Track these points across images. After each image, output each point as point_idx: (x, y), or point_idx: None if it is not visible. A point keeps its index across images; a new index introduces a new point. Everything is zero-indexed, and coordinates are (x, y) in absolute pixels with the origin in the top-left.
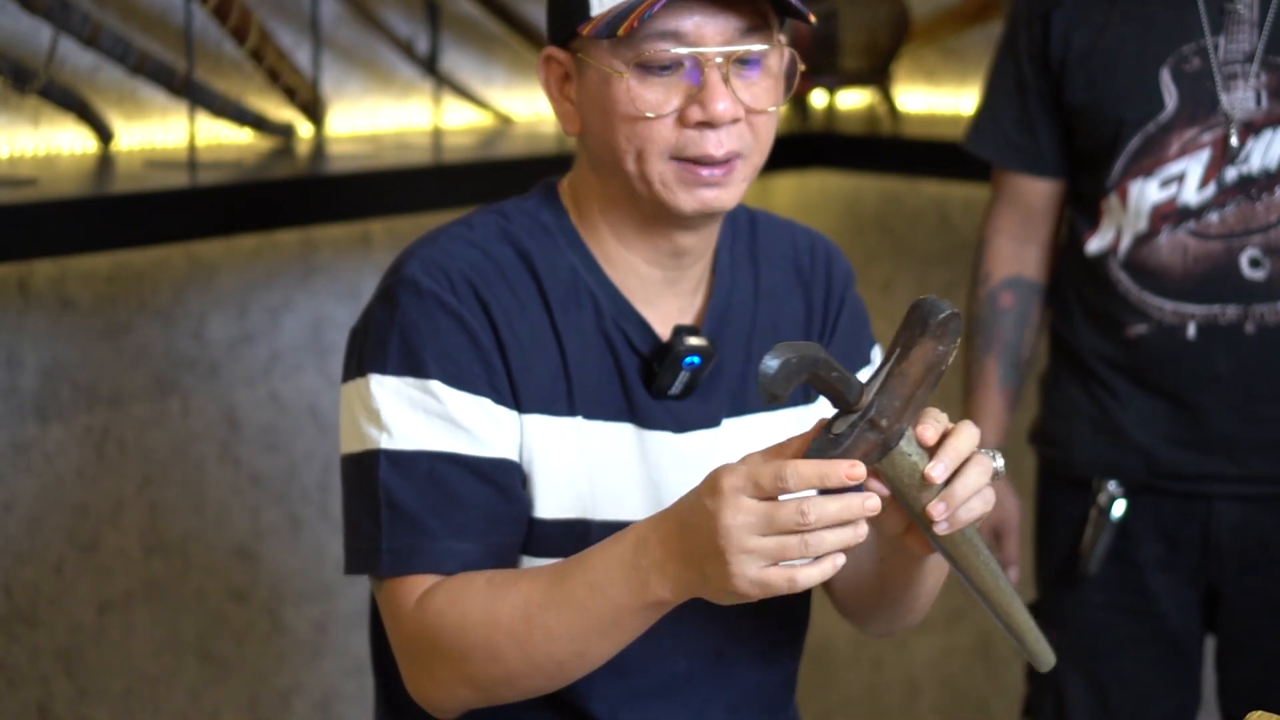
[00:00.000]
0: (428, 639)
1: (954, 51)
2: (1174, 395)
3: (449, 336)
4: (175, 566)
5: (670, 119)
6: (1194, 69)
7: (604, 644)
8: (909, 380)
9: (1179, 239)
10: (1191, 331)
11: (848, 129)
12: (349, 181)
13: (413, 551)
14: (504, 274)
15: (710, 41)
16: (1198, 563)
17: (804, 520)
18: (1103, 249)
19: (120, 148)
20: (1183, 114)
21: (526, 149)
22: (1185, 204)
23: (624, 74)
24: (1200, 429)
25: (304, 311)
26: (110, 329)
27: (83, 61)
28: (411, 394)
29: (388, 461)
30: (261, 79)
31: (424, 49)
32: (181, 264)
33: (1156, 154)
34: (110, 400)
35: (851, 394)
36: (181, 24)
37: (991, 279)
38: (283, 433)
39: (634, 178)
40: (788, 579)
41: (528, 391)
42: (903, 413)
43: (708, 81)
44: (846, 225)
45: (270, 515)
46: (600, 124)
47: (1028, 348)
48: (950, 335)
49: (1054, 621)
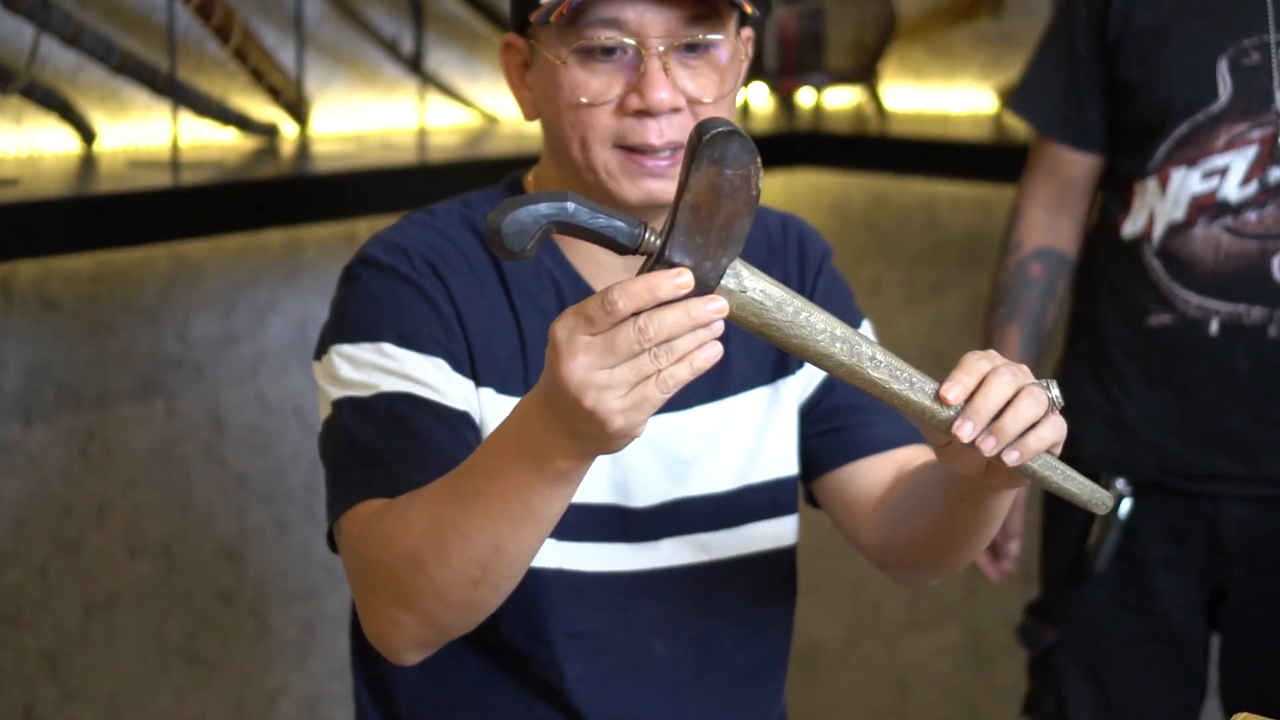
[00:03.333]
0: (365, 564)
1: (941, 49)
2: (1188, 390)
3: (408, 305)
4: (160, 568)
5: (610, 106)
6: (1253, 63)
7: (518, 534)
8: (702, 212)
9: (1213, 233)
10: (1214, 327)
11: (835, 128)
12: (334, 181)
13: (368, 482)
14: (464, 256)
15: (651, 30)
16: (1204, 562)
17: (645, 335)
18: (1136, 233)
19: (103, 148)
20: (1235, 107)
21: (512, 148)
22: (1225, 199)
23: (565, 61)
24: (1211, 426)
25: (290, 311)
26: (94, 329)
27: (65, 61)
28: (369, 356)
29: (350, 407)
30: (245, 78)
31: (409, 48)
32: (166, 264)
33: (1203, 144)
34: (95, 401)
35: (625, 238)
36: (164, 23)
37: (1022, 248)
38: (269, 433)
39: (580, 166)
40: (658, 385)
41: (485, 366)
42: (711, 249)
43: (647, 69)
44: (834, 224)
45: (256, 516)
46: (549, 111)
47: (1050, 320)
48: (736, 156)
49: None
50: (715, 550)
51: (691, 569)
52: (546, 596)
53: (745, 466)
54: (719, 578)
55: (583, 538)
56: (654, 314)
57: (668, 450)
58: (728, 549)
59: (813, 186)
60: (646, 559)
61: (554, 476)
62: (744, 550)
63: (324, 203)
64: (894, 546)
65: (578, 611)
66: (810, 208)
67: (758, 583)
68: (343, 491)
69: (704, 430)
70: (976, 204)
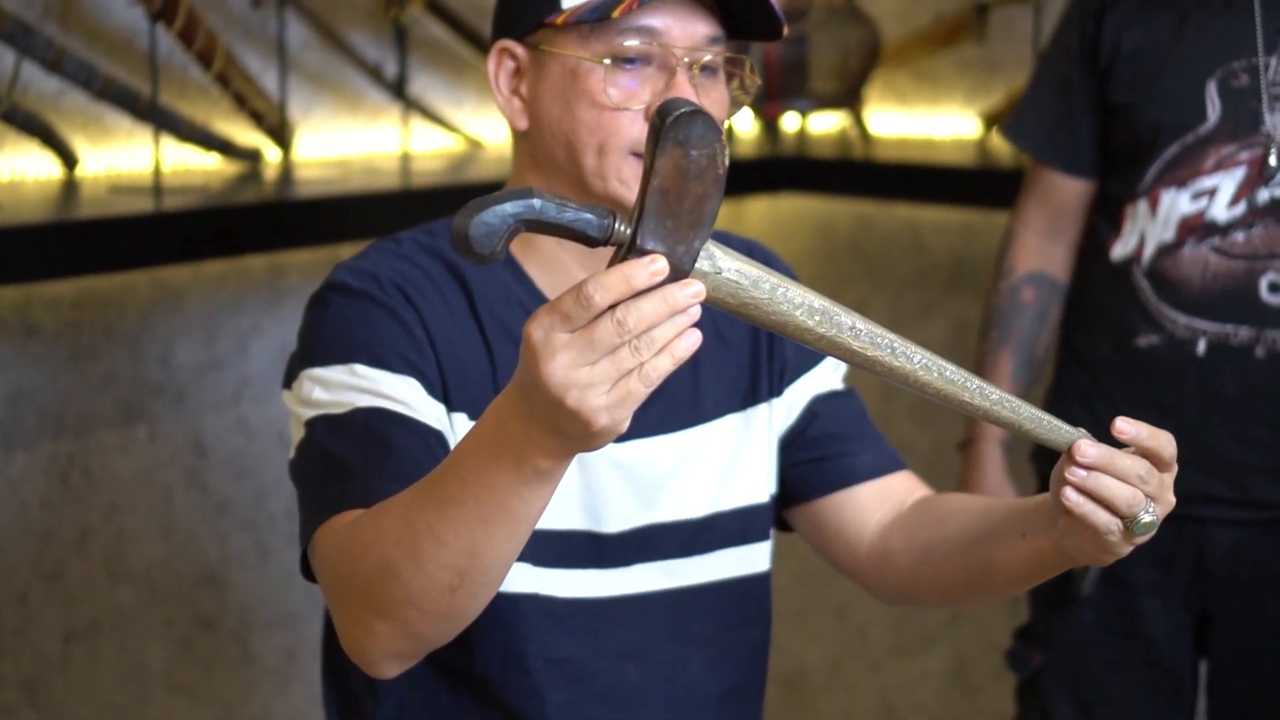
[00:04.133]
0: (340, 574)
1: (926, 74)
2: (1175, 412)
3: (380, 327)
4: (142, 595)
5: (637, 113)
6: (1241, 85)
7: (494, 537)
8: (670, 195)
9: (1201, 253)
10: (1202, 348)
11: (820, 152)
12: (317, 206)
13: (343, 494)
14: (433, 282)
15: (680, 43)
16: (1190, 586)
17: (624, 328)
18: (1126, 255)
19: (85, 173)
20: (1223, 129)
21: (496, 172)
22: (1213, 219)
23: (600, 62)
24: (1198, 448)
25: (272, 337)
26: (76, 355)
27: (47, 86)
28: (341, 377)
29: (323, 424)
30: (228, 103)
31: (392, 73)
32: (148, 290)
33: (1192, 165)
34: (76, 427)
35: (595, 229)
36: (147, 48)
37: (1015, 272)
38: (251, 459)
39: (590, 172)
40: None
41: (457, 390)
42: (683, 233)
43: (677, 81)
44: (819, 248)
45: (238, 542)
46: (560, 116)
47: (1043, 346)
48: (701, 136)
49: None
50: (686, 576)
51: (663, 595)
52: (523, 622)
53: (716, 493)
54: (690, 604)
55: (556, 564)
56: (631, 304)
57: (639, 476)
58: (698, 575)
59: (797, 211)
60: (619, 585)
61: (533, 476)
62: (715, 576)
63: (307, 228)
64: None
65: (554, 638)
66: (795, 232)
67: (729, 609)
68: (316, 505)
69: (676, 457)
70: (961, 229)
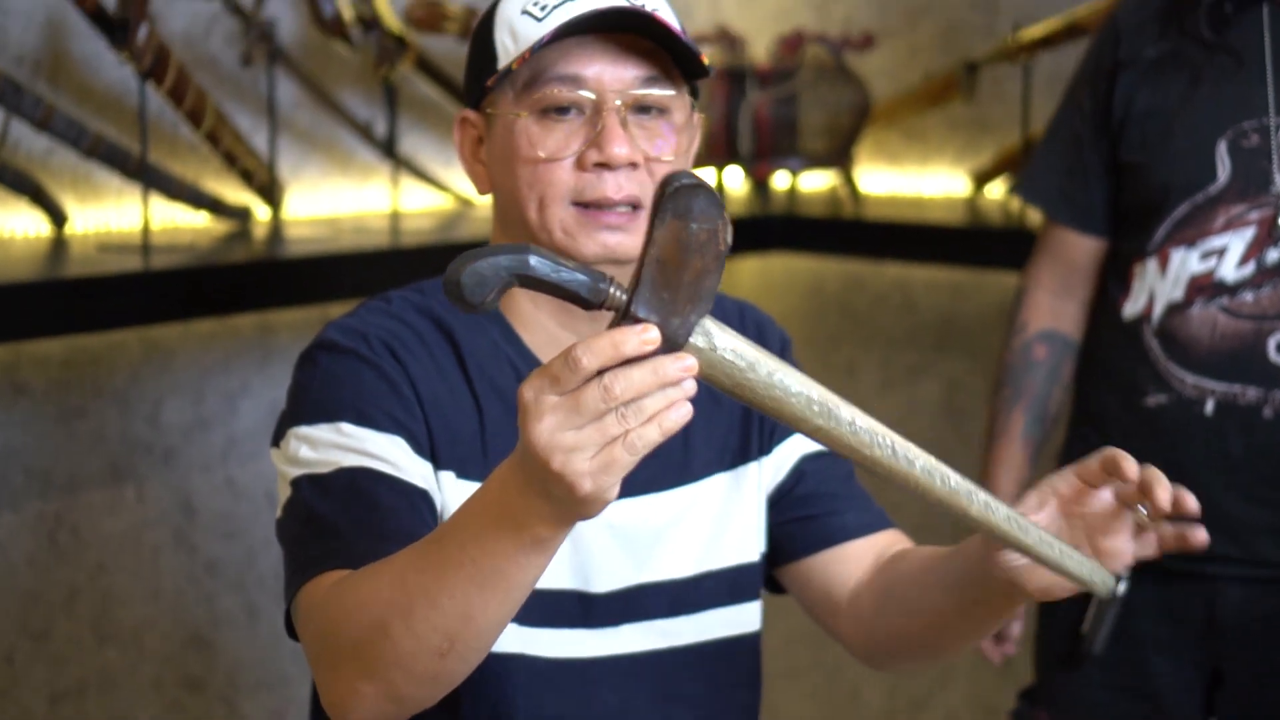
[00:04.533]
0: (327, 633)
1: (915, 133)
2: (1183, 471)
3: (367, 385)
4: (129, 655)
5: (569, 162)
6: (1252, 145)
7: (488, 603)
8: (669, 266)
9: (1210, 313)
10: (1209, 408)
11: (810, 211)
12: (307, 264)
13: (328, 553)
14: (423, 341)
15: (610, 87)
16: (1201, 644)
17: (611, 394)
18: (1136, 314)
19: (74, 231)
20: (1233, 188)
21: (487, 231)
22: (1222, 279)
23: (523, 115)
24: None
25: (261, 396)
26: (64, 414)
27: (37, 145)
28: (328, 436)
29: (309, 483)
30: (218, 162)
31: (382, 131)
32: (137, 348)
33: (1201, 225)
34: (64, 486)
35: (589, 292)
36: (136, 107)
37: (1027, 329)
38: (239, 519)
39: (536, 227)
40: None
41: (445, 449)
42: (679, 306)
43: (605, 124)
44: (809, 307)
45: (226, 603)
46: (504, 175)
47: (1055, 403)
48: (703, 210)
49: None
50: (675, 636)
51: (651, 655)
52: (510, 682)
53: (706, 553)
54: (679, 664)
55: (544, 623)
56: (620, 372)
57: (628, 535)
58: (687, 635)
59: (788, 270)
60: (607, 645)
61: (531, 543)
62: (704, 637)
63: (296, 287)
64: (882, 635)
65: (542, 698)
66: (785, 291)
67: (718, 669)
68: (301, 564)
69: (665, 516)
70: (951, 288)
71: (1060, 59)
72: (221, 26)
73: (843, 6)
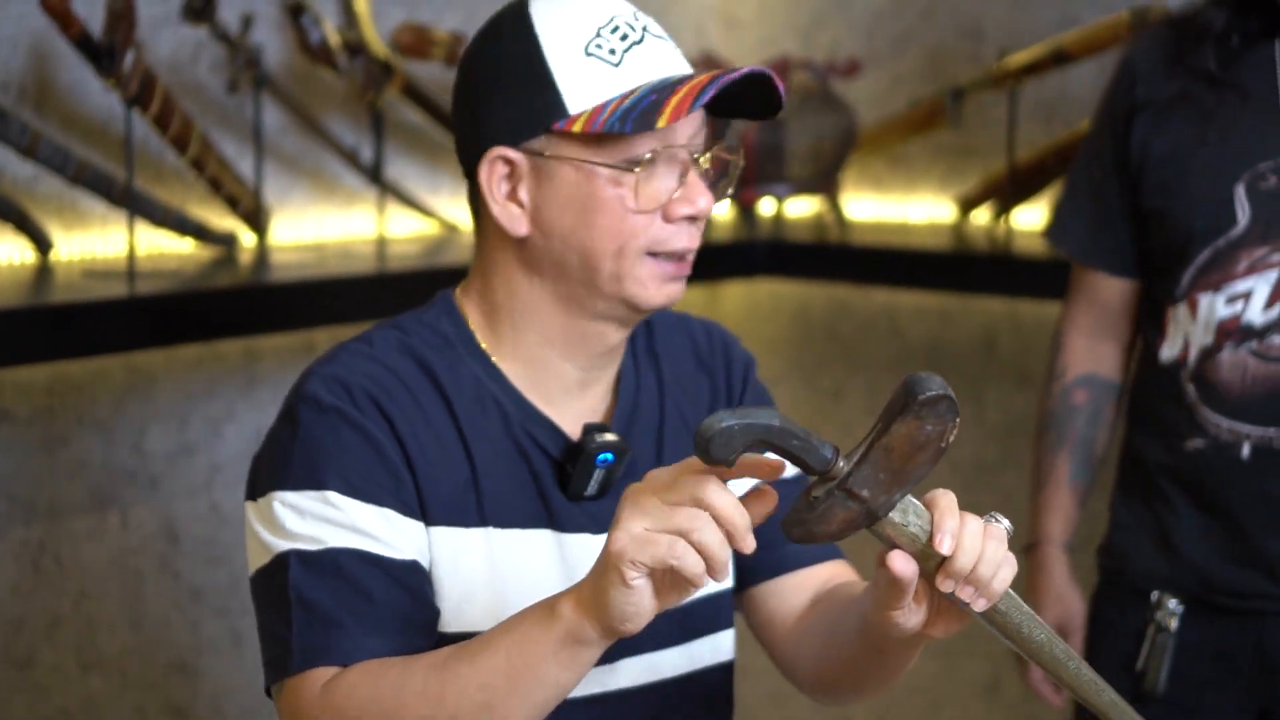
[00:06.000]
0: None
1: (901, 160)
2: (1227, 512)
3: (353, 450)
4: (113, 683)
5: (654, 214)
6: (1270, 187)
7: (512, 696)
8: (894, 455)
9: (1240, 357)
10: (1246, 451)
11: (796, 237)
12: (292, 291)
13: (326, 648)
14: (407, 386)
15: (684, 139)
16: (1250, 683)
17: (693, 527)
18: (1173, 358)
19: (59, 258)
20: (1254, 232)
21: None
22: (1249, 323)
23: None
24: (1249, 548)
25: (246, 423)
26: (48, 441)
27: (22, 171)
28: (314, 506)
29: (297, 561)
30: (203, 188)
31: (368, 157)
32: (121, 375)
33: (1225, 269)
34: (47, 513)
35: (815, 460)
36: (122, 133)
37: (1066, 375)
38: (224, 545)
39: (606, 276)
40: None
41: (435, 503)
42: (890, 486)
43: (692, 179)
44: (796, 333)
45: (211, 629)
46: (576, 224)
47: (1100, 445)
48: (939, 415)
49: None
50: (665, 669)
51: (644, 689)
52: None
53: None
54: (668, 696)
55: None
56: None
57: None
58: (677, 666)
59: (774, 296)
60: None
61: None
62: (691, 667)
63: (281, 313)
64: (808, 669)
65: None
66: (771, 317)
67: (701, 699)
68: (292, 650)
69: None
70: (938, 314)
71: (1046, 86)
72: (208, 53)
73: (828, 33)
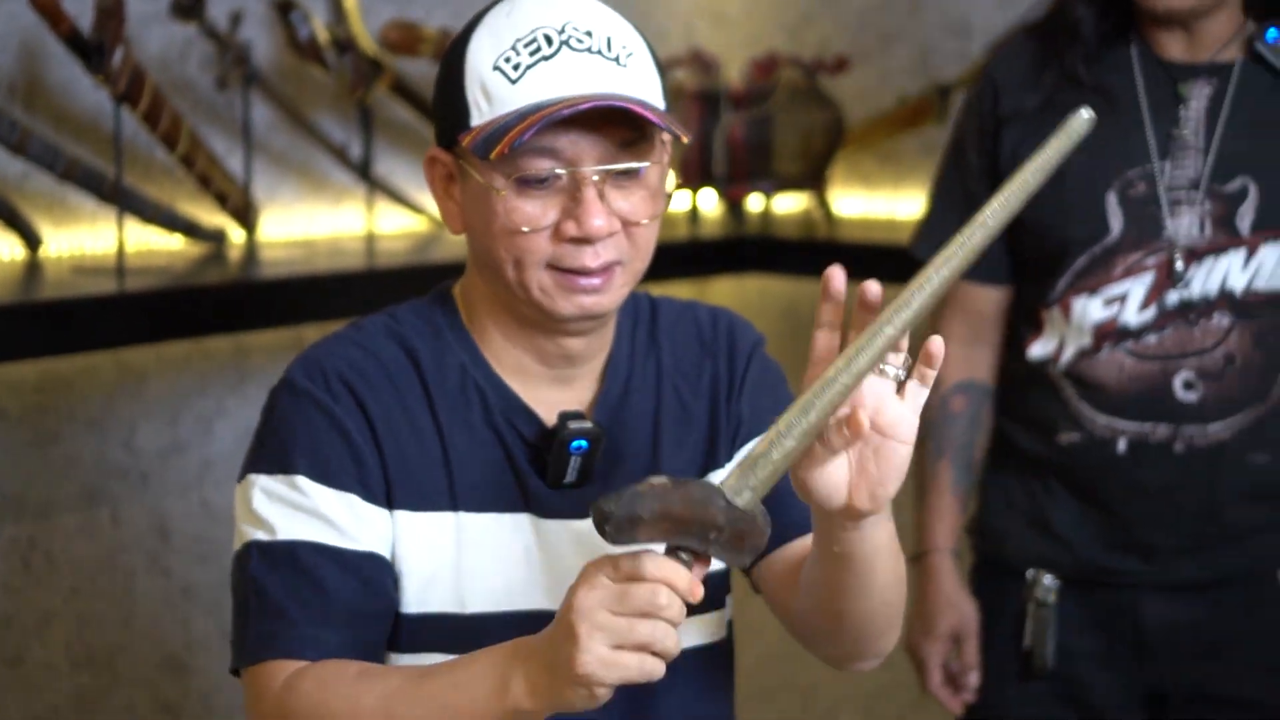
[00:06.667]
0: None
1: (889, 156)
2: (1104, 503)
3: (320, 433)
4: (104, 680)
5: (547, 232)
6: (1140, 194)
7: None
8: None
9: (1117, 357)
10: (1122, 446)
11: (784, 233)
12: (282, 287)
13: (274, 637)
14: (386, 370)
15: (586, 158)
16: (1133, 658)
17: (656, 602)
18: (1045, 355)
19: (49, 254)
20: (1128, 239)
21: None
22: (1125, 324)
23: (501, 191)
24: (1124, 536)
25: (237, 419)
26: (39, 438)
27: (12, 168)
28: (281, 490)
29: (258, 553)
30: (193, 185)
31: (358, 154)
32: (111, 372)
33: (1101, 274)
34: (38, 511)
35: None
36: (111, 130)
37: (943, 383)
38: (214, 542)
39: (513, 285)
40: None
41: (404, 487)
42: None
43: (583, 198)
44: (784, 329)
45: (201, 626)
46: (480, 232)
47: (979, 450)
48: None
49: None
50: None
51: None
52: None
53: None
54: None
55: None
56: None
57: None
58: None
59: (762, 291)
60: None
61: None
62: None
63: (271, 309)
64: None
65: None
66: (760, 312)
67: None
68: (248, 637)
69: None
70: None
71: None
72: (197, 50)
73: (816, 30)
